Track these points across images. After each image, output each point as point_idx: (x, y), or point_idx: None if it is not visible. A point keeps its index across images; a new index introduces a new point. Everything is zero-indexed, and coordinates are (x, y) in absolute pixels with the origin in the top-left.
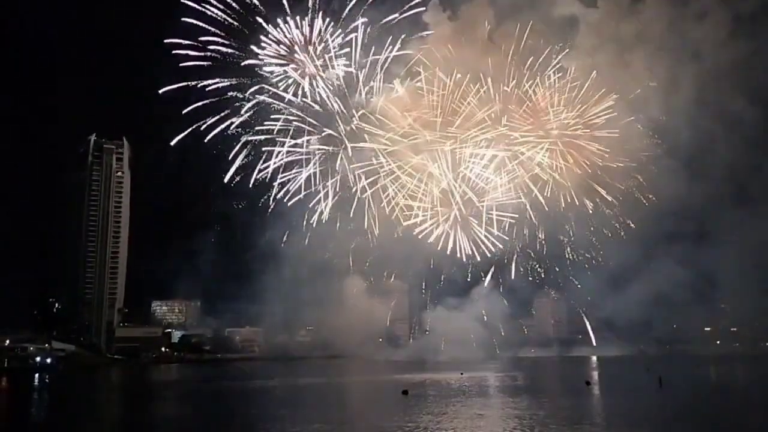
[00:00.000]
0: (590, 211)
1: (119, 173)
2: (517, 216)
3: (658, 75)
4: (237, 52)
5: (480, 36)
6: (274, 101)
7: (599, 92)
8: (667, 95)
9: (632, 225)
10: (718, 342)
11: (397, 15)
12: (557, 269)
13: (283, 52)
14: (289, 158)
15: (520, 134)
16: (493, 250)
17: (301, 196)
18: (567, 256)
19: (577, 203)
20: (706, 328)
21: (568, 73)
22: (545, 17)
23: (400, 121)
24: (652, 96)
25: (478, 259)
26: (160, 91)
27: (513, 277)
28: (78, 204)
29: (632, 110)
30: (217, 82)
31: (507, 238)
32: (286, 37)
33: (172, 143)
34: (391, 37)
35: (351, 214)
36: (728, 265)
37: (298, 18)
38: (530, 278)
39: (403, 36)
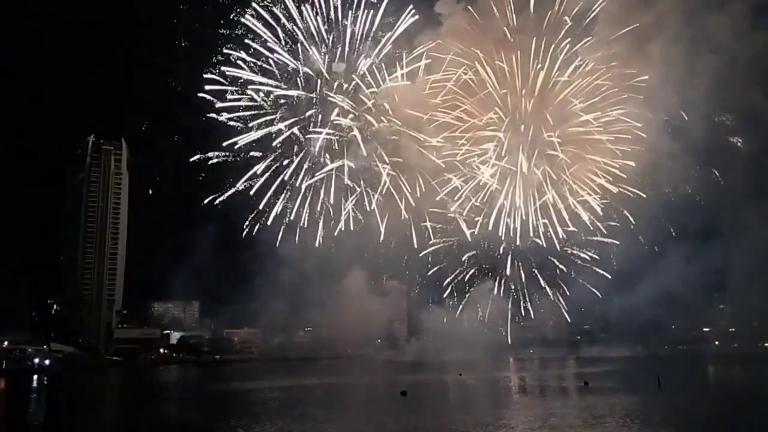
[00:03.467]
0: (598, 209)
1: (118, 174)
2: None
3: (676, 67)
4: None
5: (496, 28)
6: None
7: (616, 86)
8: (684, 88)
9: (634, 223)
10: (717, 342)
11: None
12: (560, 269)
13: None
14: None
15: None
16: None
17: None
18: (570, 254)
19: (585, 201)
20: (704, 329)
21: (586, 66)
22: (564, 7)
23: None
24: (669, 89)
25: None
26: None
27: (514, 277)
28: (76, 205)
29: (648, 103)
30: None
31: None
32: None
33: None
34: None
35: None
36: (734, 265)
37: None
38: (532, 278)
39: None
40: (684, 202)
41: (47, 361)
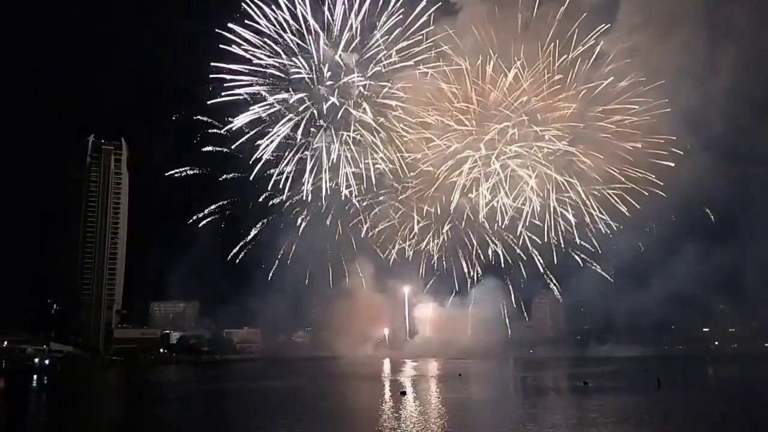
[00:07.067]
0: (607, 208)
1: (118, 174)
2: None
3: (697, 57)
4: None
5: (513, 18)
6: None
7: (635, 78)
8: (704, 80)
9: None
10: (716, 343)
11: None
12: (562, 268)
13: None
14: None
15: (540, 129)
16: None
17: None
18: (572, 254)
19: (592, 200)
20: (704, 329)
21: (606, 60)
22: None
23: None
24: (688, 81)
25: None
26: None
27: (515, 276)
28: (76, 205)
29: (666, 96)
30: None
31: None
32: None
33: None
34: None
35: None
36: (736, 265)
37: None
38: (534, 278)
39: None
40: (696, 201)
41: (47, 361)
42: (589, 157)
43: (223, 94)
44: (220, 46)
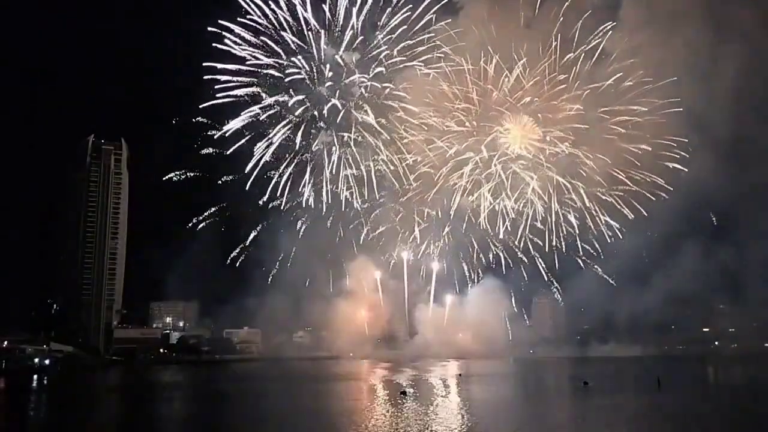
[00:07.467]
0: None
1: (118, 174)
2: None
3: (700, 56)
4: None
5: (517, 16)
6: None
7: (638, 78)
8: (707, 79)
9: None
10: (716, 342)
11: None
12: (563, 268)
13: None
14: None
15: (542, 130)
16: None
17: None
18: (572, 254)
19: (593, 201)
20: (704, 329)
21: (609, 60)
22: None
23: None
24: (691, 81)
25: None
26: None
27: (516, 277)
28: (76, 205)
29: (668, 96)
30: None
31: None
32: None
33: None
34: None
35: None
36: (736, 265)
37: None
38: (535, 277)
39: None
40: (696, 201)
41: (47, 361)
42: (592, 159)
43: (222, 95)
44: (220, 47)
